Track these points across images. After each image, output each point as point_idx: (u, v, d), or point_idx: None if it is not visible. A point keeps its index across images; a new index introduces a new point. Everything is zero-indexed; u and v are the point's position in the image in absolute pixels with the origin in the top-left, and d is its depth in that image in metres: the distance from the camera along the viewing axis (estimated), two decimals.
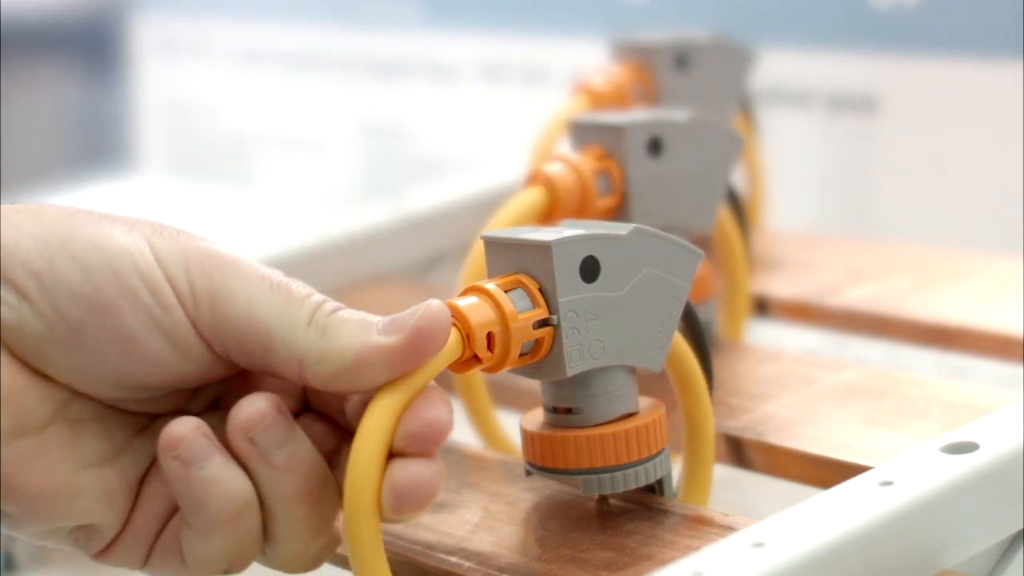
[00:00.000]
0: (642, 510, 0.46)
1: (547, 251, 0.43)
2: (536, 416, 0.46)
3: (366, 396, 0.41)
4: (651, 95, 0.69)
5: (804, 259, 0.70)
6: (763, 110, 0.81)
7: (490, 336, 0.42)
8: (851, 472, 0.45)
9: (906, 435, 0.50)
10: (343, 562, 0.45)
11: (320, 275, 0.67)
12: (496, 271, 0.45)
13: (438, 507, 0.48)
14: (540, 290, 0.43)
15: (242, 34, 1.23)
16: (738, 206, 0.61)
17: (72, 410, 0.42)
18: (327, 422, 0.44)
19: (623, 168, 0.56)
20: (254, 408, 0.41)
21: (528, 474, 0.47)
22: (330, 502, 0.42)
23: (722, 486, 0.50)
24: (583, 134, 0.58)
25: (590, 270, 0.43)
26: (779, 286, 0.67)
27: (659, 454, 0.46)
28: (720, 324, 0.61)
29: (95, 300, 0.40)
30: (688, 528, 0.45)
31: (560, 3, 1.00)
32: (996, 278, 0.65)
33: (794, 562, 0.38)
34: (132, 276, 0.41)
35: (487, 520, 0.47)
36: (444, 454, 0.43)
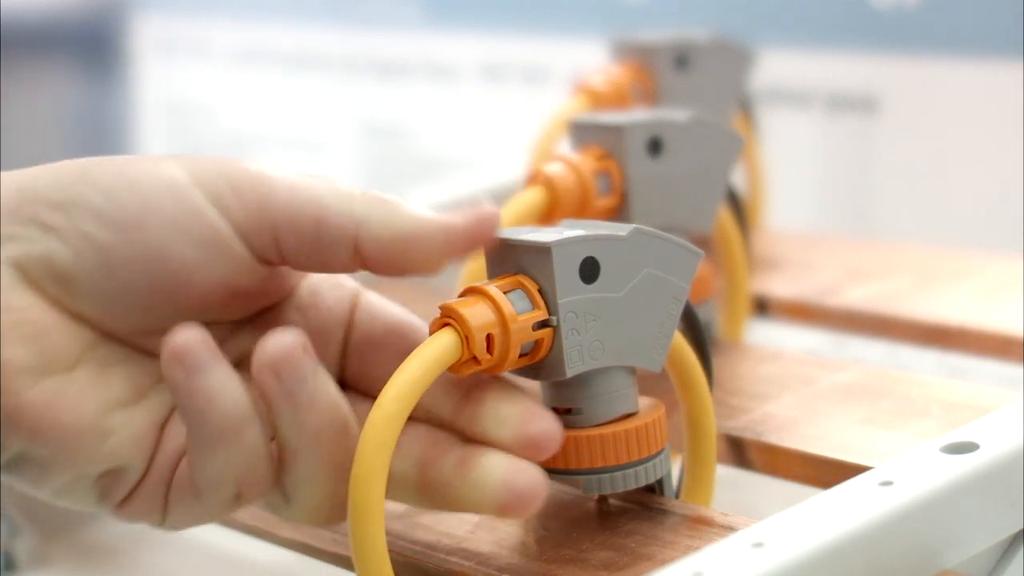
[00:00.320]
0: (642, 510, 0.46)
1: (547, 252, 0.43)
2: None
3: None
4: (651, 95, 0.69)
5: (804, 259, 0.70)
6: (763, 110, 0.81)
7: (489, 337, 0.42)
8: (851, 472, 0.45)
9: (906, 435, 0.50)
10: (346, 563, 0.45)
11: None
12: (495, 272, 0.45)
13: None
14: (539, 291, 0.43)
15: (242, 34, 1.23)
16: (738, 206, 0.61)
17: (100, 352, 0.42)
18: (362, 400, 0.44)
19: (623, 168, 0.56)
20: (280, 344, 0.40)
21: None
22: (349, 448, 0.42)
23: (722, 486, 0.50)
24: (583, 134, 0.58)
25: (590, 271, 0.43)
26: (779, 286, 0.67)
27: (659, 454, 0.46)
28: (720, 324, 0.61)
29: (119, 219, 0.41)
30: (688, 528, 0.45)
31: (560, 3, 1.00)
32: (996, 278, 0.65)
33: (794, 562, 0.38)
34: (156, 191, 0.41)
35: (487, 520, 0.47)
36: None
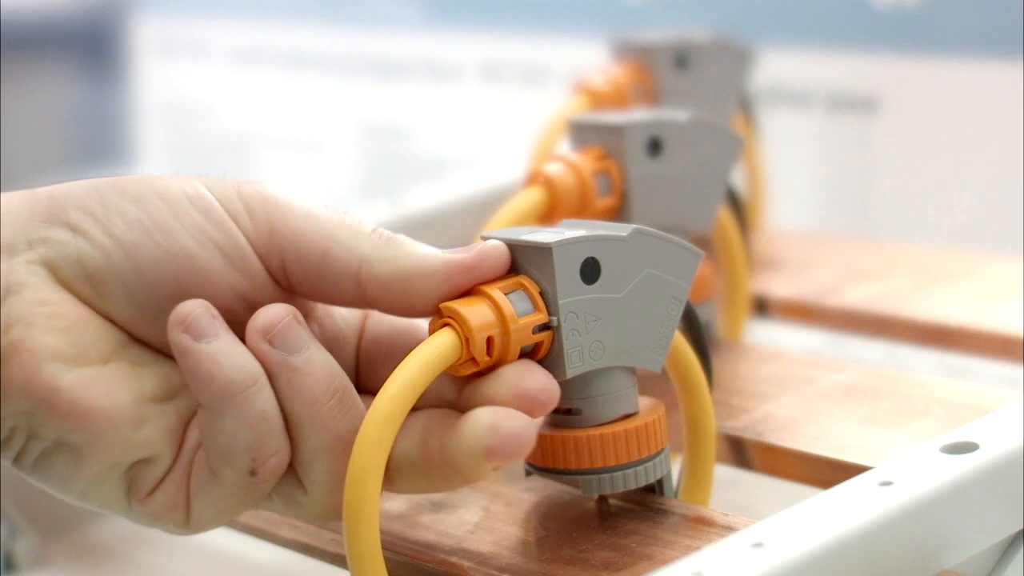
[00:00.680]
0: (642, 510, 0.46)
1: (547, 253, 0.43)
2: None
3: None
4: (651, 95, 0.69)
5: (804, 259, 0.70)
6: (763, 110, 0.81)
7: (489, 339, 0.42)
8: (851, 472, 0.45)
9: (906, 435, 0.50)
10: (340, 561, 0.45)
11: None
12: None
13: (438, 507, 0.48)
14: (540, 292, 0.43)
15: (241, 34, 1.23)
16: (738, 206, 0.61)
17: (131, 352, 0.43)
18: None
19: (623, 168, 0.56)
20: (271, 313, 0.42)
21: (528, 474, 0.47)
22: (353, 419, 0.43)
23: (722, 486, 0.50)
24: (583, 134, 0.58)
25: (591, 271, 0.43)
26: (779, 286, 0.67)
27: (659, 454, 0.46)
28: (720, 324, 0.61)
29: (148, 224, 0.42)
30: (688, 528, 0.45)
31: (560, 3, 1.00)
32: (996, 278, 0.65)
33: (794, 562, 0.38)
34: (183, 201, 0.43)
35: (487, 520, 0.47)
36: None
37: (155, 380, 0.43)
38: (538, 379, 0.43)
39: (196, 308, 0.42)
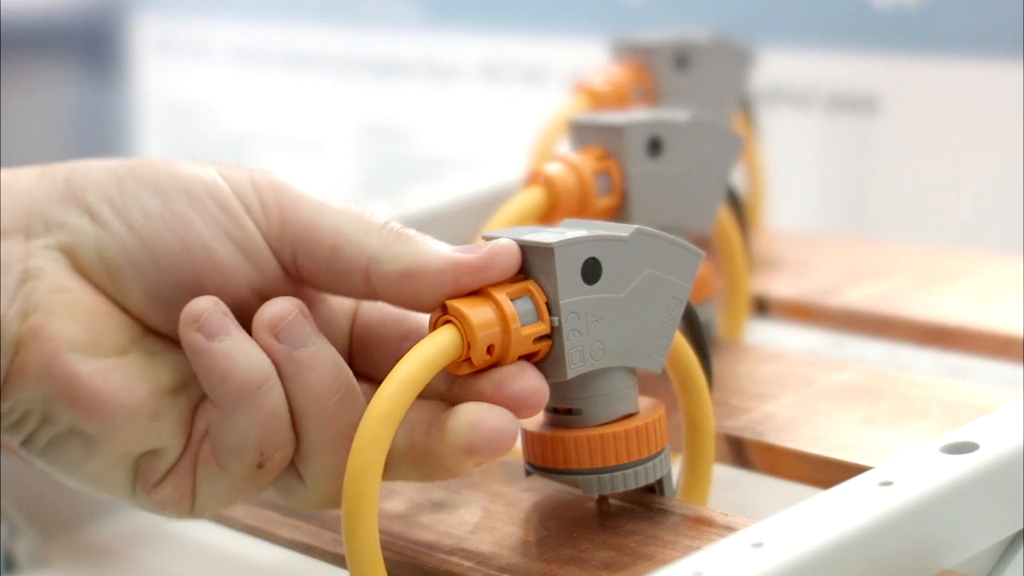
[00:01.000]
0: (642, 510, 0.46)
1: (549, 253, 0.43)
2: (536, 416, 0.46)
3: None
4: (651, 95, 0.69)
5: (804, 259, 0.70)
6: (763, 110, 0.81)
7: (490, 344, 0.42)
8: (851, 472, 0.45)
9: (906, 435, 0.50)
10: (340, 561, 0.45)
11: None
12: None
13: (438, 507, 0.48)
14: (546, 301, 0.43)
15: (241, 34, 1.23)
16: (738, 206, 0.61)
17: (146, 343, 0.43)
18: (370, 385, 0.44)
19: (623, 168, 0.56)
20: (277, 307, 0.42)
21: (528, 474, 0.47)
22: (355, 414, 0.43)
23: (722, 486, 0.50)
24: (583, 134, 0.58)
25: (592, 272, 0.43)
26: (779, 286, 0.67)
27: (659, 454, 0.46)
28: (720, 324, 0.61)
29: (167, 215, 0.42)
30: (688, 528, 0.45)
31: (560, 3, 1.00)
32: (996, 278, 0.65)
33: (794, 562, 0.38)
34: (200, 192, 0.43)
35: (487, 520, 0.47)
36: None
37: (169, 371, 0.43)
38: (528, 381, 0.43)
39: (209, 307, 0.42)
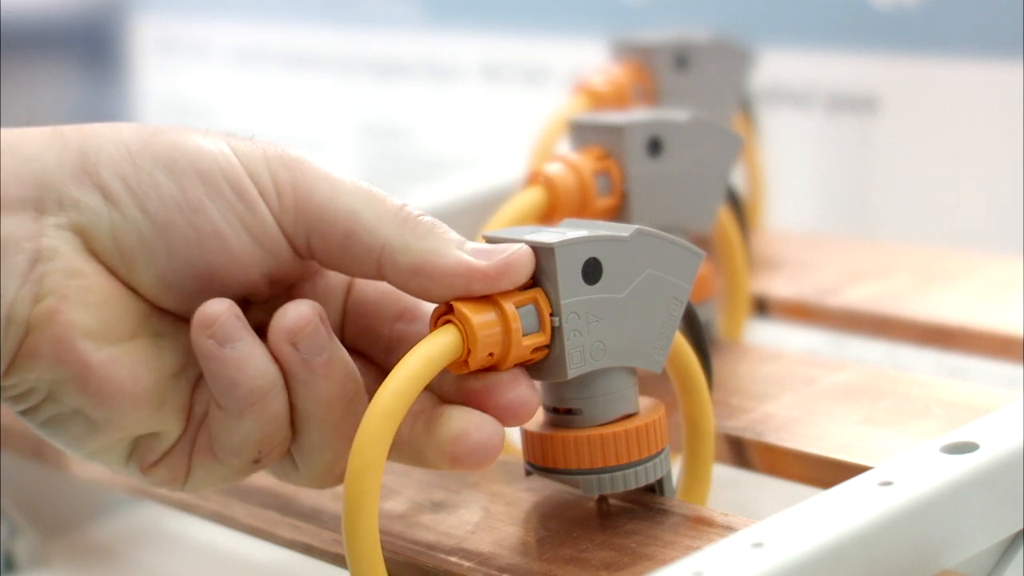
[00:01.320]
0: (642, 510, 0.46)
1: (550, 253, 0.43)
2: (536, 416, 0.46)
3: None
4: (651, 95, 0.69)
5: (804, 259, 0.70)
6: (763, 110, 0.81)
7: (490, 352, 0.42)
8: (851, 472, 0.45)
9: (906, 435, 0.50)
10: (340, 561, 0.45)
11: None
12: None
13: (438, 507, 0.48)
14: (551, 313, 0.43)
15: (241, 34, 1.23)
16: (738, 206, 0.61)
17: (153, 323, 0.43)
18: (362, 360, 0.45)
19: (623, 168, 0.56)
20: (298, 313, 0.42)
21: (528, 474, 0.47)
22: (359, 415, 0.43)
23: (722, 486, 0.50)
24: (583, 134, 0.58)
25: (593, 272, 0.43)
26: (779, 286, 0.67)
27: (659, 454, 0.46)
28: (720, 324, 0.61)
29: (182, 201, 0.42)
30: (688, 528, 0.45)
31: (560, 3, 1.00)
32: (996, 278, 0.65)
33: (794, 562, 0.38)
34: (216, 175, 0.42)
35: (487, 520, 0.47)
36: None
37: (173, 354, 0.43)
38: (520, 392, 0.43)
39: (223, 312, 0.41)
